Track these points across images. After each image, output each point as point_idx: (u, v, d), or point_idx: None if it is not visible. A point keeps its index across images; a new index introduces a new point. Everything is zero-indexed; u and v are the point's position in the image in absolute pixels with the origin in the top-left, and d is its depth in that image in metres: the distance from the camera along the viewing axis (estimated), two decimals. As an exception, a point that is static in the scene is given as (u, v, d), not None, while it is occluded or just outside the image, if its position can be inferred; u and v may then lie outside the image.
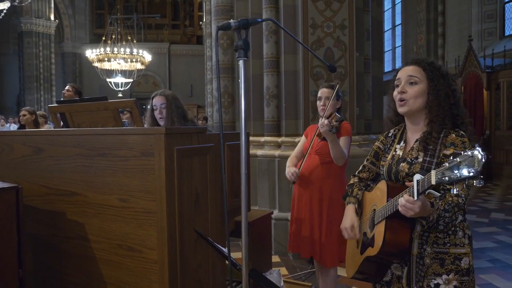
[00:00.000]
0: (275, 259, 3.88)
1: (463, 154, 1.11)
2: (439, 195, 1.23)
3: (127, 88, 16.58)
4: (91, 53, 14.35)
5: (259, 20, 1.16)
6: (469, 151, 1.10)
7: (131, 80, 16.16)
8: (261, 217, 2.88)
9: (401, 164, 1.51)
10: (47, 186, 2.03)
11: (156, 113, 2.58)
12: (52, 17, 16.12)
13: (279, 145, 4.29)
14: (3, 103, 16.96)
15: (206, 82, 11.91)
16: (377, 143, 1.71)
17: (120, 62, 14.68)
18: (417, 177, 1.22)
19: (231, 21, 1.08)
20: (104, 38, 14.88)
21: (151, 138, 1.63)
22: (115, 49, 14.37)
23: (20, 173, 2.14)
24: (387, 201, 1.41)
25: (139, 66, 15.34)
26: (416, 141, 1.53)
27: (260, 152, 4.40)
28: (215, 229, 1.89)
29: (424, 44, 13.44)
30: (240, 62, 1.09)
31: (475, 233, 4.75)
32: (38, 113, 5.23)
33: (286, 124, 4.24)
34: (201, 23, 17.17)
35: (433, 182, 1.15)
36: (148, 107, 2.60)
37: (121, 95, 15.73)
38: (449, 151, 1.42)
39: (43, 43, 15.61)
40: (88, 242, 1.88)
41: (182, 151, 1.68)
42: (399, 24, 15.69)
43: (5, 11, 11.60)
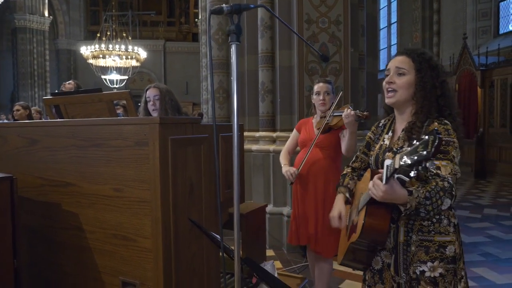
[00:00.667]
0: (269, 253, 3.91)
1: (422, 138, 1.13)
2: (408, 179, 1.24)
3: (122, 85, 16.50)
4: (86, 50, 14.28)
5: (252, 6, 1.18)
6: (427, 135, 1.12)
7: (126, 77, 16.10)
8: (255, 209, 2.90)
9: (387, 153, 1.53)
10: (41, 177, 2.03)
11: (149, 105, 2.58)
12: (46, 14, 16.00)
13: (274, 140, 4.31)
14: (-3, 100, 16.83)
15: (201, 79, 11.88)
16: (369, 134, 1.75)
17: (115, 59, 14.61)
18: (387, 162, 1.25)
19: (223, 5, 1.10)
20: (99, 35, 14.80)
21: (146, 127, 1.64)
22: (110, 46, 14.32)
23: (14, 164, 2.14)
24: None
25: (134, 63, 15.29)
26: (402, 130, 1.55)
27: (255, 147, 4.42)
28: (209, 219, 1.91)
29: (419, 42, 13.50)
30: (232, 46, 1.11)
31: (468, 228, 4.80)
32: (33, 108, 5.22)
33: (281, 119, 4.26)
34: (196, 20, 17.15)
35: (396, 166, 1.18)
36: (141, 100, 2.61)
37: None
38: None
39: (37, 39, 15.49)
40: (83, 232, 1.89)
41: (176, 141, 1.69)
42: (395, 22, 15.75)
43: (-2, 7, 11.51)
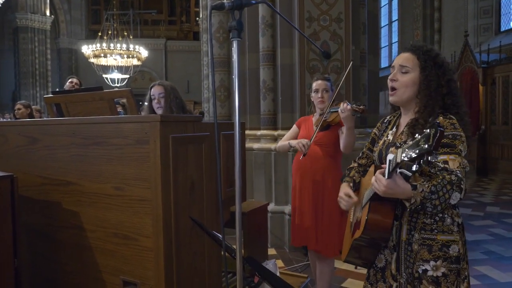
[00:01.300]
0: (271, 251, 3.90)
1: (424, 131, 1.11)
2: (410, 174, 1.22)
3: (123, 84, 16.49)
4: (87, 49, 14.26)
5: (253, 1, 1.16)
6: (428, 129, 1.10)
7: (127, 76, 16.09)
8: (257, 208, 2.89)
9: (391, 148, 1.51)
10: (42, 176, 2.02)
11: (154, 103, 2.56)
12: (47, 13, 15.99)
13: (275, 139, 4.30)
14: (-1, 99, 16.84)
15: (202, 78, 11.87)
16: (374, 130, 1.73)
17: (116, 58, 14.60)
18: (390, 156, 1.24)
19: (225, 1, 1.09)
20: (100, 34, 14.78)
21: (146, 126, 1.63)
22: (111, 45, 14.31)
23: (15, 163, 2.13)
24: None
25: (135, 62, 15.28)
26: (406, 126, 1.53)
27: (256, 145, 4.41)
28: (211, 218, 1.90)
29: (420, 39, 13.44)
30: (234, 42, 1.10)
31: (471, 226, 4.78)
32: (33, 107, 5.21)
33: (282, 117, 4.25)
34: (197, 19, 17.11)
35: (398, 160, 1.16)
36: (146, 97, 2.59)
37: (117, 91, 15.63)
38: None
39: (39, 38, 15.49)
40: (83, 231, 1.88)
41: (177, 139, 1.68)
42: (396, 20, 15.69)
43: (-1, 6, 11.52)
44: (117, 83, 16.17)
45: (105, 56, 14.45)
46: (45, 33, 15.88)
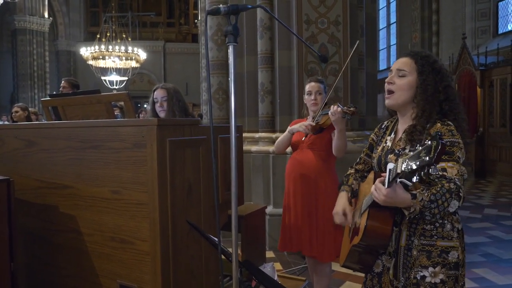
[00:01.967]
0: (269, 254, 3.89)
1: (425, 143, 1.12)
2: (410, 184, 1.22)
3: (122, 86, 16.50)
4: (86, 51, 14.27)
5: (249, 6, 1.16)
6: (429, 141, 1.10)
7: (126, 78, 16.09)
8: (254, 211, 2.88)
9: (390, 155, 1.51)
10: (39, 179, 2.02)
11: (157, 106, 2.57)
12: (46, 15, 16.00)
13: (273, 141, 4.29)
14: (-3, 101, 16.82)
15: (201, 80, 11.90)
16: (371, 135, 1.72)
17: (115, 60, 14.61)
18: (390, 165, 1.24)
19: (220, 6, 1.09)
20: (98, 36, 14.80)
21: (143, 129, 1.63)
22: (110, 47, 14.31)
23: (11, 166, 2.13)
24: None
25: (134, 64, 15.29)
26: (404, 132, 1.53)
27: (254, 148, 4.41)
28: (208, 221, 1.89)
29: (418, 42, 13.49)
30: (230, 47, 1.10)
31: (468, 229, 4.78)
32: (30, 110, 5.20)
33: (280, 120, 4.25)
34: (196, 21, 17.13)
35: (399, 170, 1.17)
36: (149, 100, 2.60)
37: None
38: None
39: (37, 40, 15.49)
40: (80, 235, 1.88)
41: (174, 143, 1.67)
42: (394, 22, 15.74)
43: (-2, 8, 11.50)
44: (116, 85, 16.17)
45: (104, 58, 14.46)
46: (44, 35, 15.88)
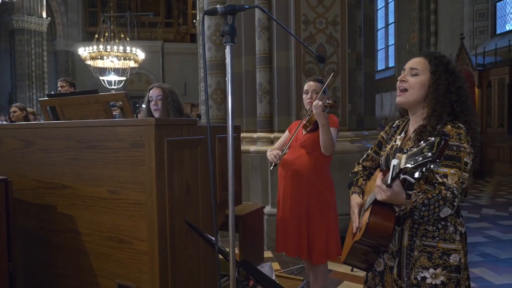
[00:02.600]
0: (268, 254, 3.89)
1: (429, 139, 1.12)
2: (414, 181, 1.23)
3: (120, 86, 16.48)
4: (84, 51, 14.25)
5: (246, 6, 1.17)
6: (433, 137, 1.10)
7: (124, 78, 16.08)
8: (253, 211, 2.89)
9: (398, 154, 1.51)
10: (37, 179, 2.02)
11: (151, 104, 2.57)
12: (44, 15, 15.97)
13: (271, 141, 4.30)
14: (-5, 101, 16.77)
15: (199, 80, 11.90)
16: (381, 133, 1.72)
17: (113, 60, 14.59)
18: (394, 161, 1.25)
19: (217, 6, 1.09)
20: (97, 36, 14.78)
21: (141, 129, 1.63)
22: (108, 47, 14.30)
23: (9, 166, 2.12)
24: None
25: (132, 64, 15.28)
26: (413, 132, 1.52)
27: (253, 148, 4.41)
28: (206, 221, 1.90)
29: (416, 42, 13.53)
30: (227, 47, 1.10)
31: (466, 229, 4.76)
32: (28, 110, 5.20)
33: (278, 120, 4.26)
34: (194, 21, 17.15)
35: (402, 166, 1.18)
36: (144, 99, 2.60)
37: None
38: None
39: (35, 40, 15.46)
40: (78, 235, 1.88)
41: (172, 143, 1.68)
42: (392, 22, 15.78)
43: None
44: (114, 85, 16.15)
45: (102, 58, 14.45)
46: (42, 35, 15.85)
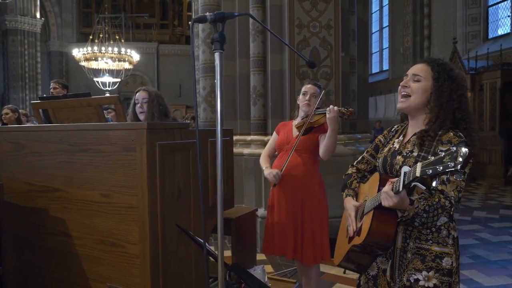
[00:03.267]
0: (261, 257, 3.90)
1: (449, 149, 1.13)
2: (425, 188, 1.24)
3: (114, 87, 16.40)
4: (78, 52, 14.17)
5: (236, 14, 1.18)
6: (455, 147, 1.11)
7: (118, 79, 16.00)
8: (245, 213, 2.89)
9: (397, 157, 1.52)
10: (28, 182, 2.01)
11: (137, 107, 2.57)
12: (37, 15, 15.86)
13: (265, 144, 4.30)
14: (-13, 102, 16.62)
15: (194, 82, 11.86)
16: (379, 137, 1.72)
17: (107, 61, 14.52)
18: (405, 168, 1.25)
19: (207, 13, 1.10)
20: (91, 37, 14.72)
21: (133, 133, 1.64)
22: (103, 48, 14.23)
23: (1, 170, 2.11)
24: (378, 192, 1.42)
25: (127, 65, 15.20)
26: (413, 135, 1.53)
27: (246, 151, 4.42)
28: (198, 224, 1.90)
29: (410, 46, 13.63)
30: (216, 54, 1.11)
31: (458, 231, 4.81)
32: (20, 111, 5.17)
33: (272, 123, 4.27)
34: (190, 23, 17.12)
35: (418, 174, 1.17)
36: (131, 102, 2.60)
37: (108, 94, 15.57)
38: (445, 148, 1.40)
39: (29, 41, 15.34)
40: (70, 238, 1.87)
41: (164, 147, 1.69)
42: (387, 26, 15.88)
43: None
44: (108, 87, 16.07)
45: (96, 59, 14.37)
46: (35, 36, 15.72)
